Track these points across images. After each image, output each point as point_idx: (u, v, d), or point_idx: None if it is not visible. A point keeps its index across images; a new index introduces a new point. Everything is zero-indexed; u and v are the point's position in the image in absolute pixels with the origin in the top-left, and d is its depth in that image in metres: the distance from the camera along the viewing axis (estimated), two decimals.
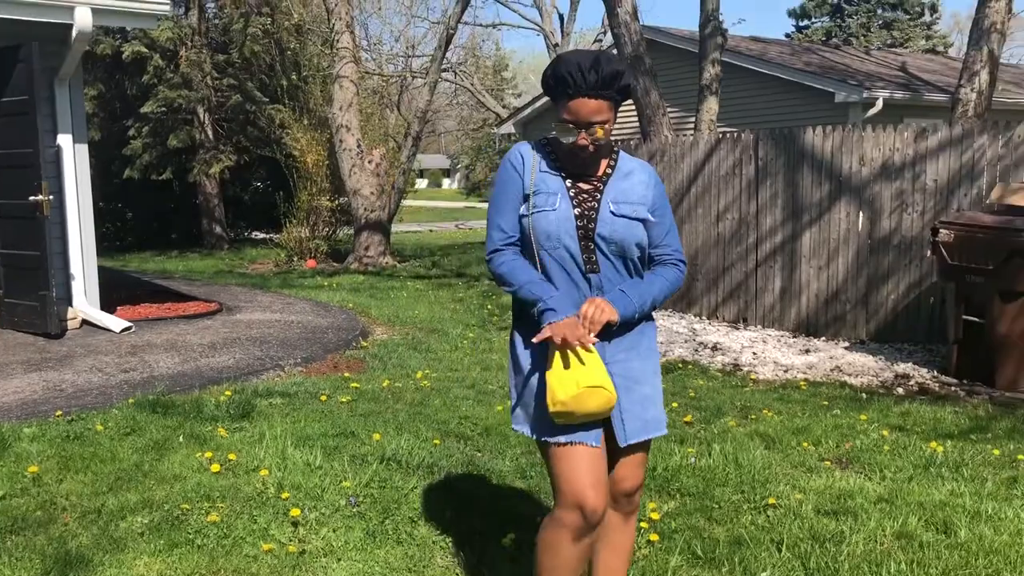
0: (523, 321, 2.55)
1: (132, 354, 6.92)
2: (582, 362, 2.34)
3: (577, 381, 2.32)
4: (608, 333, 2.46)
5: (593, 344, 2.37)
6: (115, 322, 7.95)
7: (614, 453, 2.56)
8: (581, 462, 2.41)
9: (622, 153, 2.62)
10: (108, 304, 8.71)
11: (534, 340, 2.43)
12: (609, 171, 2.55)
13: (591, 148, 2.43)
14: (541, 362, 2.48)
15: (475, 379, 6.41)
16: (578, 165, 2.50)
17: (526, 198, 2.50)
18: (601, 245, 2.47)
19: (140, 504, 3.70)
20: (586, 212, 2.48)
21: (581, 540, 2.42)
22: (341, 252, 16.55)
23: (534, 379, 2.50)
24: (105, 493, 3.85)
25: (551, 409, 2.37)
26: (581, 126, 2.39)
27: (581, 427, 2.42)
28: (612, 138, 2.54)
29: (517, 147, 2.59)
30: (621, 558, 2.70)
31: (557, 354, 2.37)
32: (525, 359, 2.54)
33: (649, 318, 2.61)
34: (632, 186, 2.55)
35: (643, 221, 2.52)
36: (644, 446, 2.60)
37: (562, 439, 2.42)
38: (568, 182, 2.51)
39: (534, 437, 2.51)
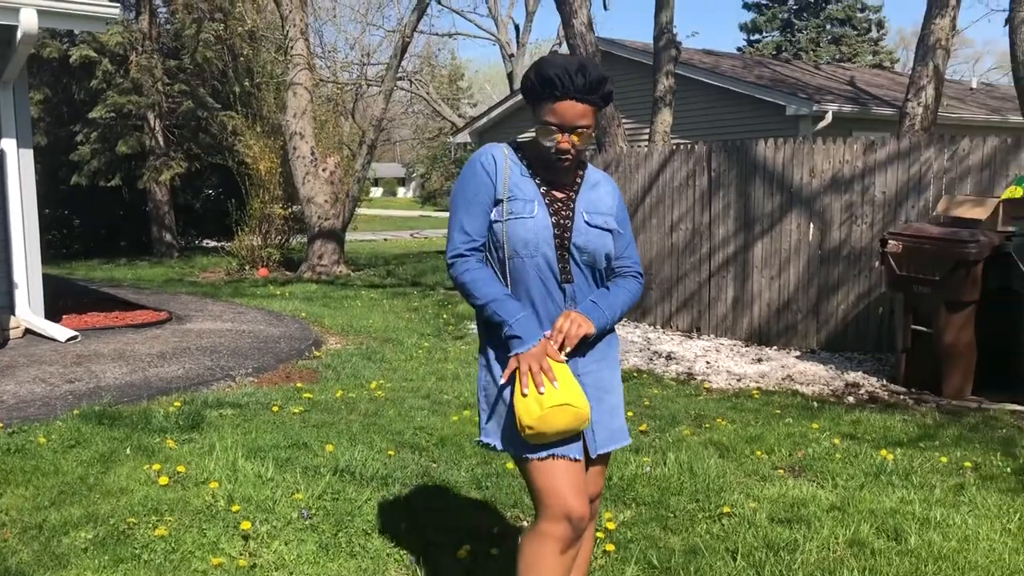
0: (494, 333, 2.46)
1: (78, 364, 6.75)
2: (551, 381, 2.30)
3: (541, 403, 2.27)
4: (581, 345, 2.44)
5: (564, 361, 2.36)
6: (60, 331, 7.75)
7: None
8: (563, 474, 2.38)
9: (588, 164, 2.62)
10: (53, 313, 8.50)
11: (501, 381, 2.40)
12: (579, 181, 2.54)
13: (573, 153, 2.40)
14: (514, 376, 2.42)
15: (430, 389, 6.37)
16: (554, 172, 2.47)
17: (498, 203, 2.43)
18: (575, 255, 2.45)
19: (84, 519, 3.59)
20: (562, 221, 2.45)
21: (568, 551, 2.38)
22: (294, 261, 16.38)
23: (507, 393, 2.44)
24: (47, 508, 3.73)
25: (522, 434, 2.33)
26: (565, 129, 2.36)
27: (560, 442, 2.38)
28: None
29: (488, 149, 2.51)
30: (580, 568, 2.66)
31: (523, 377, 2.33)
32: (498, 372, 2.47)
33: (612, 329, 2.60)
34: (600, 197, 2.54)
35: (611, 232, 2.52)
36: (607, 455, 2.61)
37: (543, 454, 2.37)
38: (543, 189, 2.47)
39: (512, 452, 2.46)
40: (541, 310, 2.44)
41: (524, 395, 2.30)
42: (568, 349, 2.37)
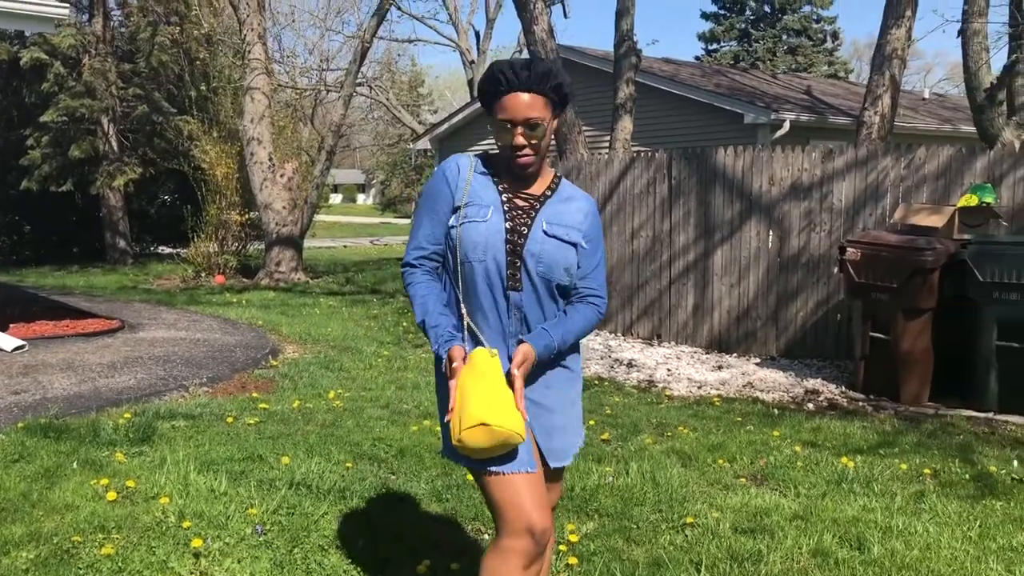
0: None
1: (24, 374, 6.54)
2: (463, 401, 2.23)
3: (459, 423, 2.20)
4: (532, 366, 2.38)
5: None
6: (6, 341, 7.52)
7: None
8: (522, 487, 2.31)
9: (564, 180, 2.57)
10: (0, 322, 8.24)
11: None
12: (549, 193, 2.50)
13: (529, 149, 2.37)
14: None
15: (389, 398, 6.26)
16: (516, 174, 2.44)
17: (456, 210, 2.42)
18: (529, 263, 2.40)
19: (26, 537, 3.44)
20: (518, 227, 2.41)
21: (532, 566, 2.32)
22: (251, 268, 16.14)
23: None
24: None
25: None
26: (517, 123, 2.34)
27: (510, 456, 2.30)
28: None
29: (454, 158, 2.52)
30: None
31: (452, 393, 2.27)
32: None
33: (573, 349, 2.53)
34: (570, 211, 2.49)
35: (575, 245, 2.45)
36: (556, 473, 2.56)
37: (494, 468, 2.31)
38: (505, 196, 2.45)
39: (467, 467, 2.40)
40: (490, 317, 2.40)
41: (450, 411, 2.25)
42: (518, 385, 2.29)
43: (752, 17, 41.53)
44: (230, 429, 5.22)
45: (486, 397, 2.20)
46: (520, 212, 2.43)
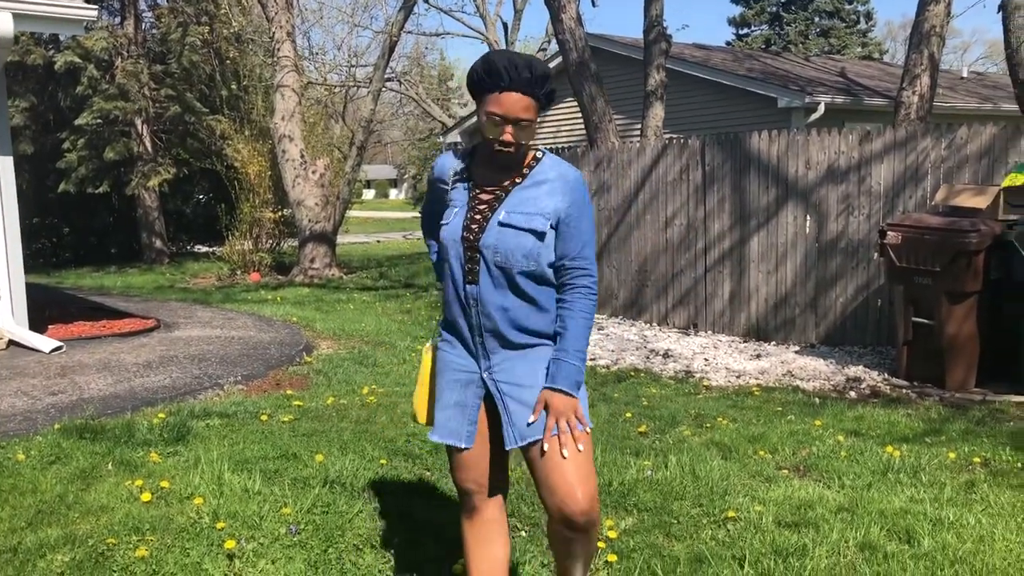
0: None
1: (61, 376, 6.59)
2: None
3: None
4: (496, 344, 2.52)
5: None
6: (44, 342, 7.58)
7: (529, 456, 2.52)
8: (455, 457, 2.63)
9: (546, 161, 2.53)
10: (39, 323, 8.33)
11: None
12: (519, 180, 2.51)
13: (515, 147, 2.41)
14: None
15: None
16: (494, 168, 2.50)
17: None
18: (485, 254, 2.45)
19: (62, 540, 3.43)
20: (478, 221, 2.49)
21: (474, 518, 2.65)
22: (286, 264, 16.22)
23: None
24: (24, 529, 3.57)
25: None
26: (509, 121, 2.37)
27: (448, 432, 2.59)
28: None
29: (441, 160, 2.64)
30: (570, 564, 2.59)
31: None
32: None
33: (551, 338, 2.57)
34: (536, 196, 2.47)
35: (534, 232, 2.44)
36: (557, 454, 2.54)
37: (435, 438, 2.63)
38: (472, 194, 2.53)
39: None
40: (456, 311, 2.55)
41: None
42: (571, 432, 2.46)
43: (783, 0, 40.94)
44: (264, 427, 5.20)
45: (416, 390, 2.79)
46: (484, 206, 2.50)
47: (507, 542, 2.69)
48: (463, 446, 2.56)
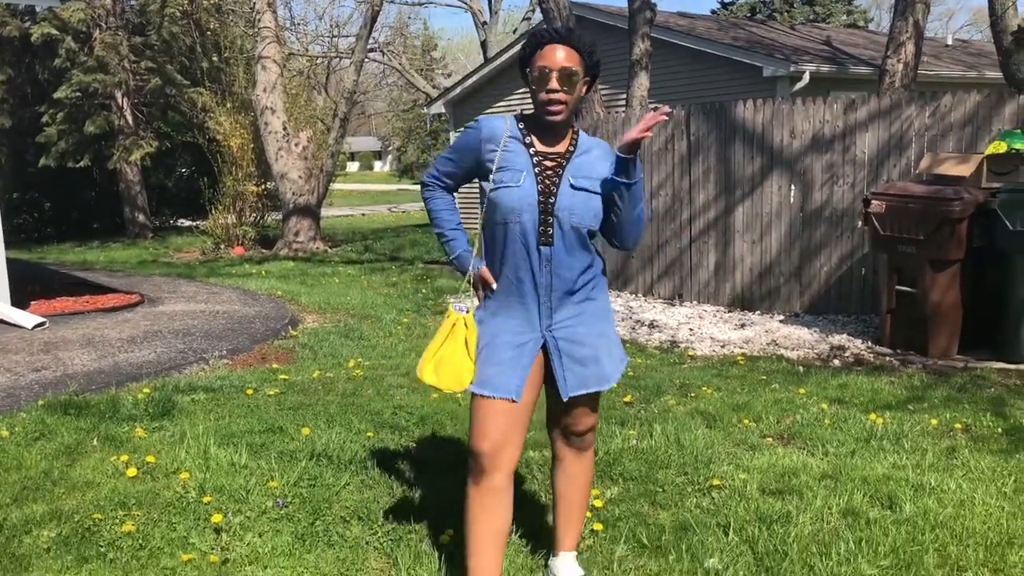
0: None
1: (45, 351, 6.55)
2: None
3: (420, 365, 2.71)
4: (565, 299, 2.69)
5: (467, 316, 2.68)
6: (27, 318, 7.53)
7: (567, 403, 2.76)
8: (488, 413, 2.64)
9: (582, 133, 2.76)
10: (21, 299, 8.26)
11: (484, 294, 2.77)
12: (572, 148, 2.70)
13: (561, 95, 2.56)
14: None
15: (410, 366, 6.21)
16: (547, 125, 2.64)
17: (487, 174, 2.67)
18: (561, 217, 2.62)
19: (47, 516, 3.43)
20: (548, 187, 2.64)
21: (483, 484, 2.63)
22: (270, 238, 16.14)
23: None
24: (8, 505, 3.56)
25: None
26: (554, 70, 2.55)
27: (494, 380, 2.64)
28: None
29: (490, 122, 2.72)
30: (575, 487, 2.92)
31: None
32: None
33: (599, 285, 2.78)
34: (591, 161, 2.69)
35: (599, 195, 2.66)
36: (589, 397, 2.79)
37: (476, 390, 2.66)
38: (536, 159, 2.66)
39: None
40: (523, 270, 2.65)
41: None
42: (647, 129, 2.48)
43: None
44: (250, 401, 5.19)
45: (444, 359, 2.65)
46: (550, 172, 2.65)
47: (510, 516, 2.71)
48: (512, 398, 2.64)
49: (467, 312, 2.69)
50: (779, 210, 8.22)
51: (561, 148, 2.68)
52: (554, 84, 2.55)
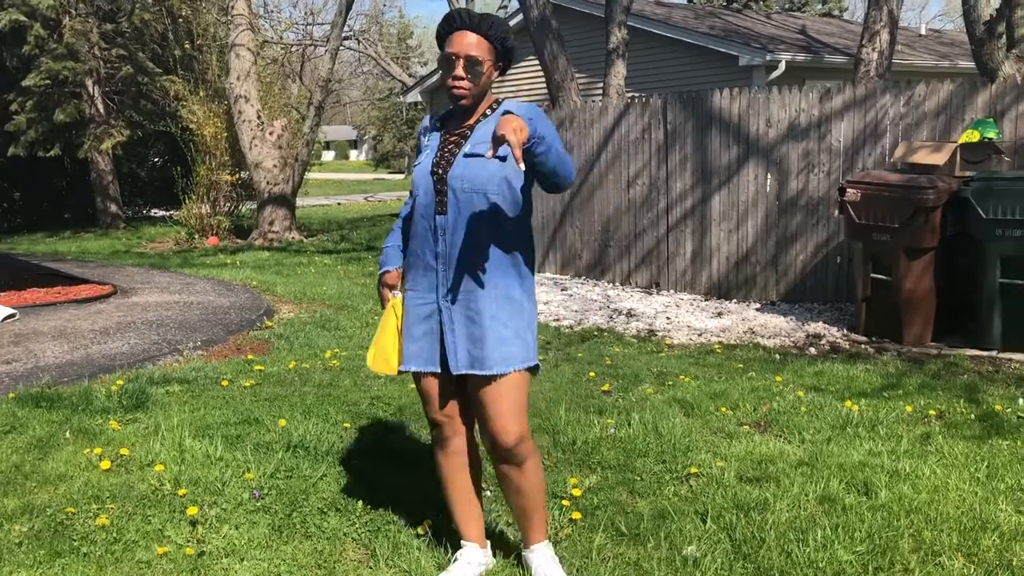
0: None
1: (15, 344, 6.45)
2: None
3: (369, 357, 2.98)
4: (458, 274, 2.69)
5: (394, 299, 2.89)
6: None
7: (474, 395, 2.74)
8: (426, 385, 2.85)
9: (506, 103, 2.76)
10: None
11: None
12: (482, 118, 2.75)
13: (466, 82, 2.63)
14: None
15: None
16: (461, 116, 2.75)
17: None
18: (453, 185, 2.67)
19: (19, 510, 3.38)
20: (447, 160, 2.71)
21: (446, 449, 2.88)
22: (245, 228, 16.00)
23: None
24: None
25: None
26: (459, 57, 2.61)
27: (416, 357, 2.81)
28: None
29: (422, 123, 2.94)
30: (522, 496, 2.78)
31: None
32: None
33: (510, 274, 2.71)
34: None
35: (497, 157, 2.62)
36: (496, 392, 2.66)
37: (411, 368, 2.84)
38: (442, 138, 2.77)
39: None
40: (422, 239, 2.74)
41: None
42: (516, 143, 2.32)
43: None
44: (225, 393, 5.14)
45: (378, 344, 2.90)
46: (452, 146, 2.74)
47: (478, 470, 2.95)
48: (436, 370, 2.76)
49: (398, 296, 2.88)
50: (755, 199, 8.25)
51: (470, 123, 2.75)
52: (459, 71, 2.63)
